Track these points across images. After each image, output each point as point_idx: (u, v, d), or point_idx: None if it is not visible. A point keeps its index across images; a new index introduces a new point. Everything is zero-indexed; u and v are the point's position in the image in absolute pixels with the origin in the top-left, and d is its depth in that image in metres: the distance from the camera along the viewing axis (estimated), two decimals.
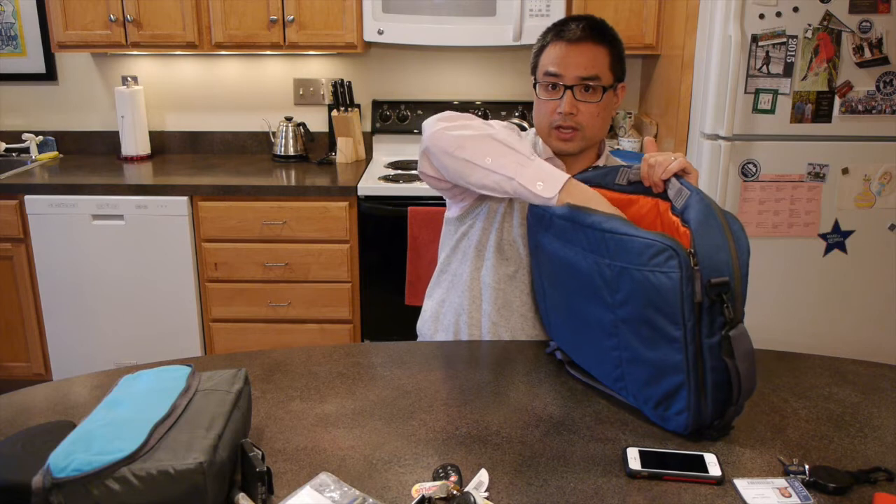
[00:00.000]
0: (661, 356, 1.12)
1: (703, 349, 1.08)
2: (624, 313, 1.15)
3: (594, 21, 1.46)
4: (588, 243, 1.19)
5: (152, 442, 0.88)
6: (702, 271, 1.05)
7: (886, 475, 1.03)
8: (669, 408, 1.14)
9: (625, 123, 3.19)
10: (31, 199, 2.76)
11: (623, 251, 1.12)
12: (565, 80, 1.42)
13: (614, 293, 1.15)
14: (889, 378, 1.35)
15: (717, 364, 1.08)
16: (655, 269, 1.08)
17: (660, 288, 1.08)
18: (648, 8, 2.83)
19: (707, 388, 1.10)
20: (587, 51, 1.43)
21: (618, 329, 1.17)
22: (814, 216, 2.49)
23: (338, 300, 2.86)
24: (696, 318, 1.07)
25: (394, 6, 2.82)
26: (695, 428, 1.13)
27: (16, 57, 3.28)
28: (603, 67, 1.44)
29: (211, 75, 3.32)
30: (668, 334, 1.10)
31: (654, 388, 1.15)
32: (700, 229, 1.09)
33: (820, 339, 2.54)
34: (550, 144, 1.50)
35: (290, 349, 1.44)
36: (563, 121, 1.44)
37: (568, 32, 1.43)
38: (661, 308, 1.09)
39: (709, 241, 1.07)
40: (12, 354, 2.96)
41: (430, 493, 0.94)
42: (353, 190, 2.76)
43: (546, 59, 1.46)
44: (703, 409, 1.11)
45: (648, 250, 1.08)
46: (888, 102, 2.39)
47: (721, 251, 1.06)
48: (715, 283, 1.04)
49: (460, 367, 1.36)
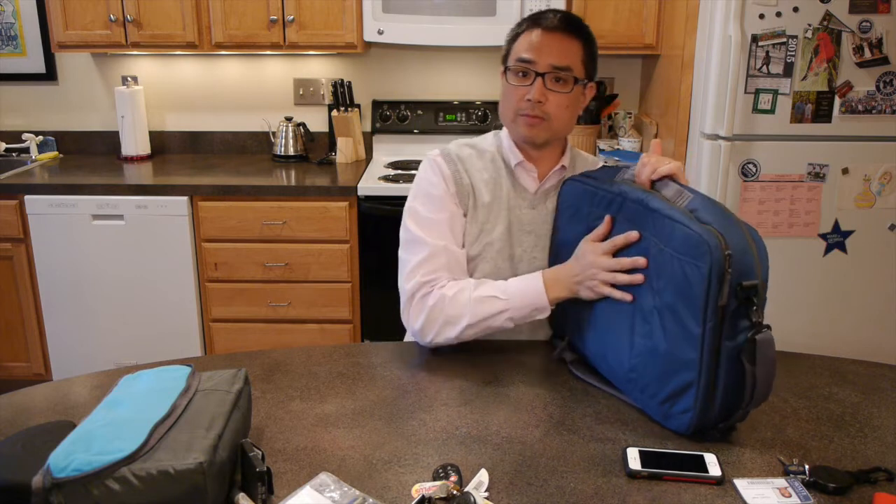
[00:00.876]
0: (677, 351, 1.12)
1: (720, 351, 1.08)
2: (659, 301, 1.15)
3: (571, 15, 1.44)
4: (652, 228, 1.19)
5: (152, 442, 0.88)
6: (731, 274, 1.05)
7: (886, 475, 1.03)
8: (675, 405, 1.13)
9: (625, 123, 3.19)
10: (31, 199, 2.76)
11: (672, 238, 1.13)
12: (538, 66, 1.40)
13: (658, 279, 1.16)
14: (889, 378, 1.35)
15: (732, 367, 1.08)
16: (691, 261, 1.08)
17: (691, 281, 1.08)
18: (648, 8, 2.83)
19: (717, 390, 1.09)
20: (562, 41, 1.41)
21: (653, 316, 1.17)
22: (814, 216, 2.49)
23: (338, 300, 2.86)
24: (720, 318, 1.07)
25: (394, 6, 2.82)
26: (697, 429, 1.12)
27: (16, 57, 3.28)
28: (576, 60, 1.42)
29: (211, 75, 3.32)
30: (688, 330, 1.10)
31: (664, 382, 1.14)
32: (726, 232, 1.08)
33: (820, 339, 2.54)
34: (516, 132, 1.47)
35: (290, 349, 1.44)
36: (530, 109, 1.42)
37: (545, 21, 1.42)
38: (688, 302, 1.09)
39: (736, 244, 1.07)
40: (12, 354, 2.96)
41: (430, 493, 0.94)
42: (353, 190, 2.76)
43: (520, 45, 1.43)
44: (708, 411, 1.10)
45: (689, 241, 1.09)
46: (888, 102, 2.39)
47: (746, 254, 1.06)
48: (746, 286, 1.05)
49: (460, 366, 1.36)
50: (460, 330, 1.38)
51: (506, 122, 1.50)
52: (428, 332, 1.40)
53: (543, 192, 1.52)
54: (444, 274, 1.43)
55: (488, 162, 1.52)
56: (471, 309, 1.37)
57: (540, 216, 1.51)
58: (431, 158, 1.51)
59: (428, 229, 1.45)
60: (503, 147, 1.53)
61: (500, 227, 1.49)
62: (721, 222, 1.09)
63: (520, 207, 1.50)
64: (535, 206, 1.51)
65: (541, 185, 1.51)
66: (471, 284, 1.41)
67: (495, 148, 1.54)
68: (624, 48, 2.91)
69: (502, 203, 1.50)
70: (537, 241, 1.50)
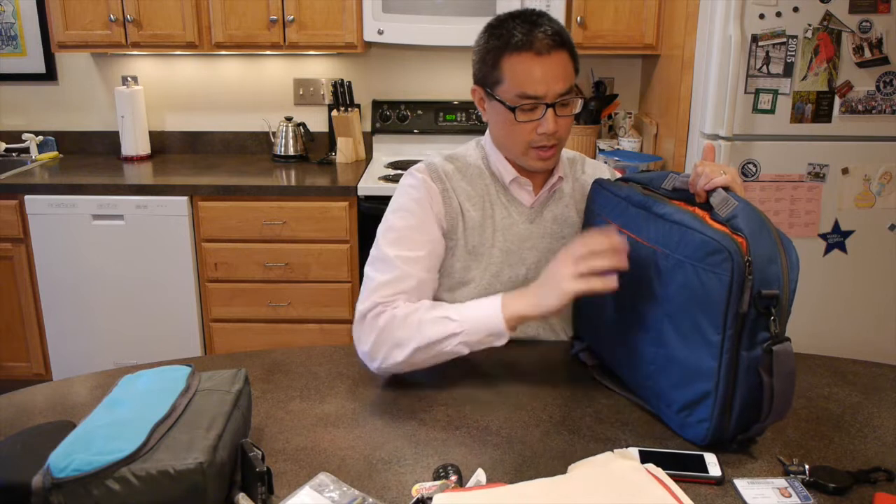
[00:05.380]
0: (696, 359, 1.09)
1: (739, 361, 1.05)
2: (671, 308, 1.13)
3: (555, 25, 1.32)
4: (655, 233, 1.16)
5: (152, 442, 0.88)
6: (753, 281, 1.02)
7: (886, 475, 1.03)
8: (692, 415, 1.11)
9: (625, 123, 3.19)
10: (31, 199, 2.76)
11: (683, 244, 1.10)
12: (546, 99, 1.30)
13: (666, 286, 1.13)
14: (889, 378, 1.35)
15: (750, 379, 1.05)
16: (709, 268, 1.05)
17: (709, 288, 1.05)
18: (648, 8, 2.83)
19: (735, 401, 1.07)
20: (558, 62, 1.30)
21: (662, 324, 1.15)
22: (814, 216, 2.49)
23: (338, 300, 2.86)
24: (739, 327, 1.04)
25: (394, 6, 2.82)
26: (714, 440, 1.09)
27: (16, 57, 3.28)
28: (572, 76, 1.33)
29: (211, 75, 3.32)
30: (707, 338, 1.07)
31: (682, 391, 1.12)
32: (754, 238, 1.05)
33: (820, 339, 2.54)
34: (527, 164, 1.39)
35: (290, 349, 1.44)
36: (546, 141, 1.34)
37: (537, 42, 1.28)
38: (706, 309, 1.06)
39: (761, 252, 1.04)
40: (12, 354, 2.96)
41: (430, 493, 0.94)
42: (353, 190, 2.76)
43: (517, 76, 1.30)
44: (725, 422, 1.08)
45: (706, 247, 1.06)
46: (888, 102, 2.39)
47: (773, 263, 1.03)
48: (766, 295, 1.02)
49: (460, 366, 1.36)
50: (408, 353, 1.25)
51: (511, 154, 1.40)
52: (376, 354, 1.28)
53: (540, 204, 1.46)
54: (403, 297, 1.33)
55: (475, 177, 1.44)
56: (420, 331, 1.25)
57: (538, 230, 1.45)
58: (417, 174, 1.42)
59: (401, 248, 1.36)
60: (491, 161, 1.45)
61: (496, 249, 1.42)
62: (753, 230, 1.06)
63: (516, 224, 1.44)
64: (533, 219, 1.45)
65: (537, 198, 1.45)
66: (425, 305, 1.30)
67: (481, 161, 1.46)
68: (624, 48, 2.91)
69: (496, 223, 1.43)
70: (541, 255, 1.44)
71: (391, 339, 1.27)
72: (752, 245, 1.04)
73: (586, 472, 0.99)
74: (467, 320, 1.25)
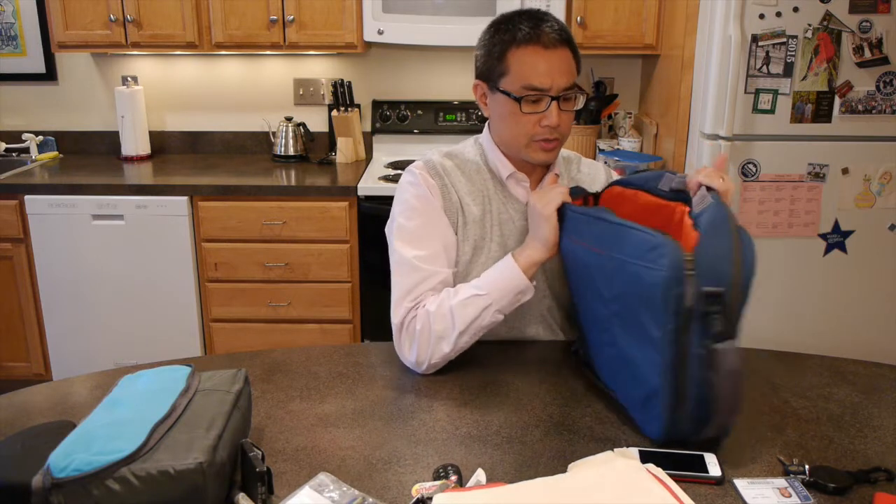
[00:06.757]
0: (643, 356, 1.10)
1: (687, 358, 1.05)
2: (616, 308, 1.15)
3: (559, 22, 1.36)
4: (599, 236, 1.18)
5: (152, 442, 0.88)
6: (698, 277, 1.02)
7: (886, 475, 1.03)
8: (647, 411, 1.12)
9: (625, 123, 3.19)
10: (31, 199, 2.76)
11: (625, 244, 1.11)
12: (551, 91, 1.33)
13: (611, 287, 1.15)
14: (889, 378, 1.35)
15: (702, 377, 1.05)
16: (648, 264, 1.06)
17: (648, 284, 1.06)
18: (648, 8, 2.83)
19: (687, 399, 1.06)
20: (562, 57, 1.34)
21: (611, 324, 1.17)
22: (814, 216, 2.49)
23: (338, 300, 2.86)
24: (684, 323, 1.03)
25: (394, 6, 2.82)
26: (671, 437, 1.10)
27: (16, 57, 3.28)
28: (575, 72, 1.37)
29: (211, 75, 3.32)
30: (649, 333, 1.08)
31: (637, 388, 1.14)
32: (708, 235, 1.06)
33: (820, 339, 2.54)
34: (529, 157, 1.41)
35: (290, 349, 1.44)
36: (549, 134, 1.36)
37: (543, 36, 1.32)
38: (647, 305, 1.07)
39: (714, 249, 1.04)
40: (12, 354, 2.96)
41: (430, 493, 0.94)
42: (353, 190, 2.76)
43: (522, 68, 1.34)
44: (678, 420, 1.08)
45: (644, 244, 1.07)
46: (888, 102, 2.39)
47: (724, 261, 1.03)
48: (707, 293, 1.01)
49: (460, 366, 1.36)
50: (453, 341, 1.31)
51: (513, 147, 1.42)
52: (423, 357, 1.32)
53: None
54: (430, 294, 1.37)
55: (473, 174, 1.46)
56: (455, 317, 1.31)
57: None
58: (415, 171, 1.44)
59: (416, 248, 1.39)
60: (489, 158, 1.47)
61: (494, 243, 1.44)
62: (710, 228, 1.07)
63: (513, 220, 1.45)
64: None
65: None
66: (449, 293, 1.35)
67: (479, 158, 1.48)
68: (624, 48, 2.91)
69: (494, 217, 1.45)
70: None
71: (432, 336, 1.32)
72: (703, 242, 1.05)
73: (586, 472, 0.99)
74: (494, 289, 1.32)
